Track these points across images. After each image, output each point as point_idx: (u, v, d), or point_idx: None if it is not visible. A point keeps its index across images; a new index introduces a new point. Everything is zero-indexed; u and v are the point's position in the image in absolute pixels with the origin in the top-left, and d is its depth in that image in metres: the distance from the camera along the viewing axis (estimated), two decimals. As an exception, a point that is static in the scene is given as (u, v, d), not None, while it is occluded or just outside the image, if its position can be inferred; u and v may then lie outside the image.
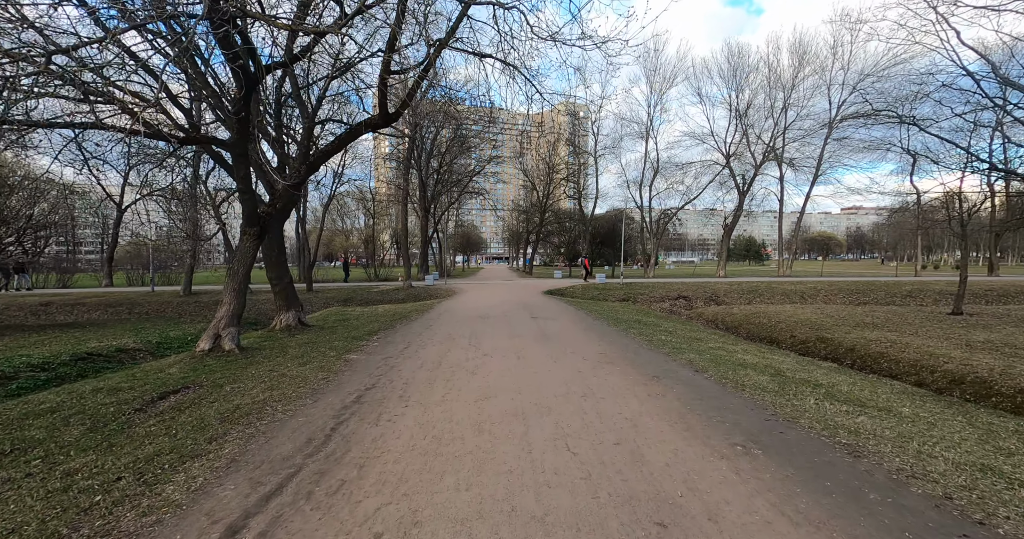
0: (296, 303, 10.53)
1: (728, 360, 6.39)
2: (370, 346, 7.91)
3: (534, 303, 15.38)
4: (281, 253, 9.97)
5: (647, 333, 8.84)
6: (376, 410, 4.43)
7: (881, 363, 8.88)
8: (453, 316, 11.93)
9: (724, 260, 30.75)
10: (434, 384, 5.37)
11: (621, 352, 6.97)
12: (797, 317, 13.39)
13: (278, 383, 5.52)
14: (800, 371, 5.79)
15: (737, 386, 4.85)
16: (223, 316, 7.55)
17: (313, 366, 6.40)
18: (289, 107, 10.91)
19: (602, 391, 4.90)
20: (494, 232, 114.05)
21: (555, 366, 6.13)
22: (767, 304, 19.74)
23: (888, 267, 59.83)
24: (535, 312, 12.56)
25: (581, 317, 11.53)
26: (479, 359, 6.66)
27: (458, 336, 8.67)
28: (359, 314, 13.52)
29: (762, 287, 22.43)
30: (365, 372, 6.00)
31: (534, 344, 7.72)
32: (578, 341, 7.97)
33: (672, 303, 21.33)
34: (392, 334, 9.24)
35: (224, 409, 4.55)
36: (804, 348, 10.94)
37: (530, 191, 43.30)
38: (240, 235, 7.85)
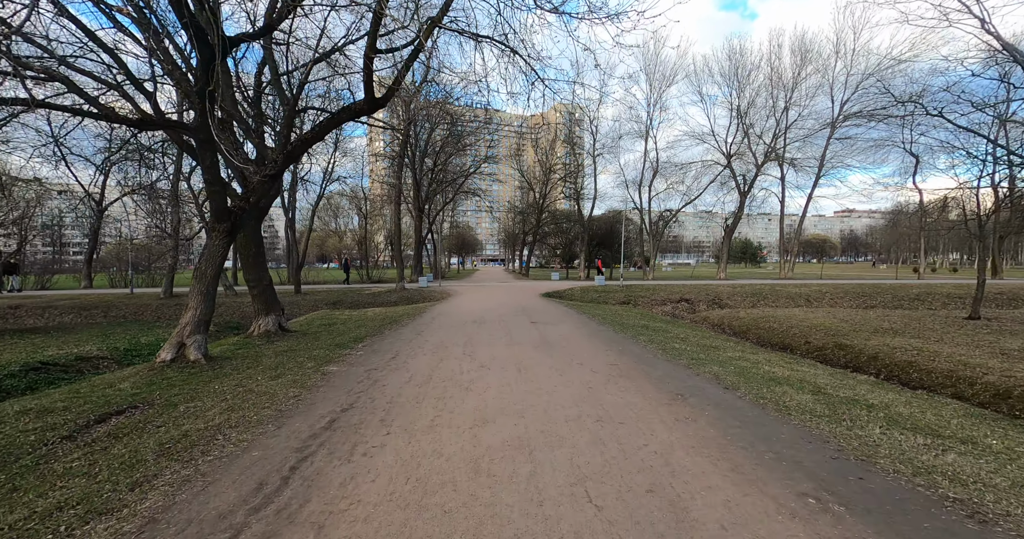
0: (276, 307, 9.72)
1: (755, 373, 5.67)
2: (354, 356, 7.13)
3: (532, 306, 14.64)
4: (259, 253, 9.17)
5: (658, 340, 8.12)
6: (350, 439, 3.67)
7: (910, 373, 8.21)
8: (447, 321, 11.16)
9: (725, 262, 30.18)
10: (422, 404, 4.61)
11: (634, 363, 6.23)
12: (810, 322, 12.73)
13: (241, 402, 4.74)
14: (841, 388, 5.08)
15: (779, 408, 4.12)
16: (188, 322, 6.74)
17: (286, 380, 5.61)
18: (270, 96, 10.13)
19: (620, 413, 4.16)
20: (490, 233, 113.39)
21: (561, 381, 5.38)
22: (772, 307, 19.11)
23: (880, 270, 59.64)
24: (534, 316, 11.82)
25: (583, 322, 10.79)
26: (475, 372, 5.91)
27: (451, 344, 7.91)
28: (346, 318, 12.71)
29: (765, 290, 21.82)
30: (344, 388, 5.22)
31: (536, 353, 6.97)
32: (584, 350, 7.23)
33: (674, 306, 20.67)
34: (380, 341, 8.46)
35: (168, 438, 3.77)
36: (821, 355, 10.27)
37: (527, 191, 42.60)
38: (208, 232, 7.07)
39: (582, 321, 10.94)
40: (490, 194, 43.62)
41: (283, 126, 8.54)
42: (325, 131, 7.43)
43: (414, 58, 7.14)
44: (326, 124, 7.25)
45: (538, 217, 38.18)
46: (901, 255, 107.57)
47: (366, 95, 7.04)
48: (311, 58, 8.55)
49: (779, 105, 27.94)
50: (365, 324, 11.29)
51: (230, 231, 6.95)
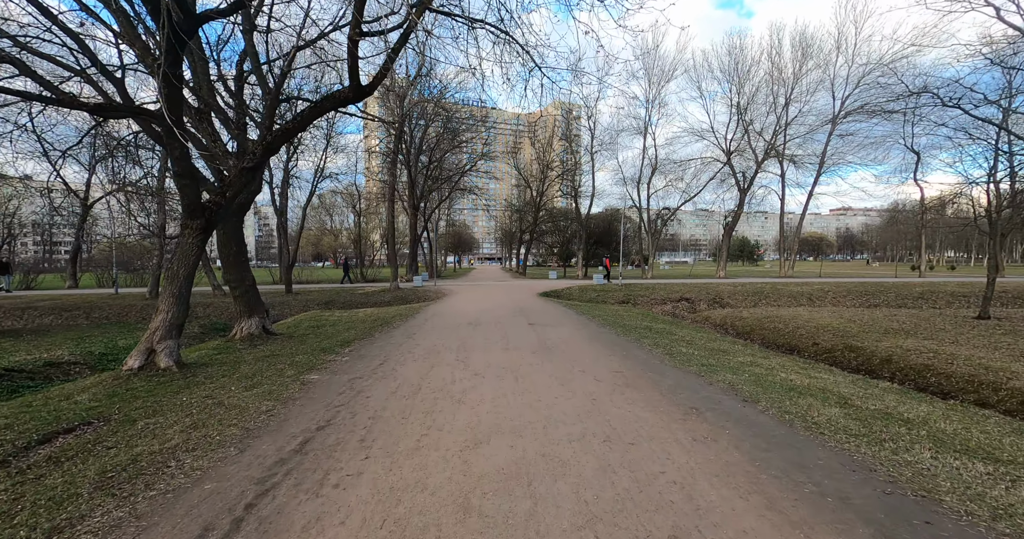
0: (260, 309, 9.22)
1: (772, 382, 5.22)
2: (339, 362, 6.64)
3: (530, 306, 14.18)
4: (241, 251, 8.66)
5: (663, 344, 7.67)
6: (323, 465, 3.19)
7: (927, 377, 7.80)
8: (440, 322, 10.68)
9: (724, 260, 29.80)
10: (408, 419, 4.14)
11: (640, 370, 5.78)
12: (816, 322, 12.33)
13: (207, 418, 4.25)
14: (868, 398, 4.64)
15: (808, 425, 3.67)
16: (159, 327, 6.23)
17: (260, 391, 5.12)
18: (252, 85, 9.59)
19: (630, 431, 3.70)
20: (486, 232, 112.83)
21: (563, 391, 4.92)
22: (774, 307, 18.73)
23: (873, 268, 59.42)
24: (532, 317, 11.35)
25: (583, 323, 10.34)
26: (468, 381, 5.43)
27: (444, 348, 7.43)
28: (336, 320, 12.21)
29: (767, 289, 21.45)
30: (323, 401, 4.74)
31: (534, 359, 6.51)
32: (585, 355, 6.77)
33: (674, 305, 20.26)
34: (368, 345, 7.98)
35: (114, 464, 3.28)
36: (831, 358, 9.86)
37: (523, 189, 42.13)
38: (180, 229, 6.56)
39: (582, 322, 10.49)
40: (487, 192, 43.16)
41: (265, 116, 8.02)
42: (308, 121, 6.92)
43: (404, 42, 6.64)
44: (309, 114, 6.74)
45: (535, 215, 37.74)
46: (898, 253, 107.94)
47: (351, 82, 6.53)
48: (294, 45, 8.03)
49: (779, 101, 27.57)
50: (355, 326, 10.80)
51: (205, 228, 6.44)
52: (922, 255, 31.14)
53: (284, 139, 6.79)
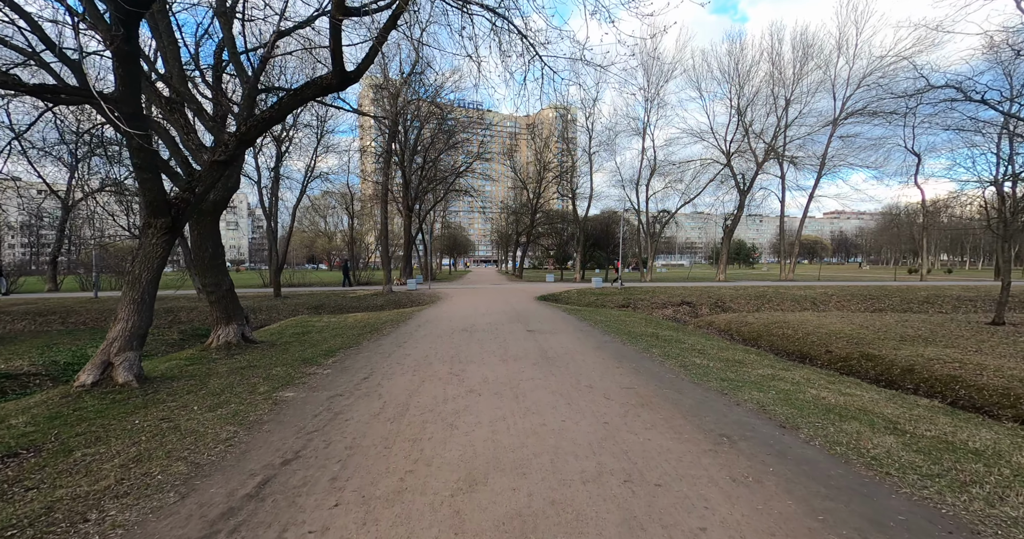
0: (239, 315, 8.56)
1: (804, 400, 4.65)
2: (319, 375, 6.01)
3: (528, 311, 13.58)
4: (217, 254, 8.01)
5: (674, 354, 7.09)
6: (281, 518, 2.57)
7: (956, 390, 7.27)
8: (433, 329, 10.06)
9: (724, 263, 29.35)
10: (391, 449, 3.52)
11: (655, 386, 5.19)
12: (827, 328, 11.81)
13: (155, 448, 3.62)
14: (918, 421, 4.07)
15: (866, 461, 3.09)
16: (117, 337, 5.58)
17: (225, 412, 4.49)
18: (233, 76, 8.96)
19: (653, 467, 3.11)
20: (482, 234, 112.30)
21: (570, 412, 4.32)
22: (778, 311, 18.25)
23: (866, 271, 59.20)
24: (531, 323, 10.75)
25: (586, 330, 9.75)
26: (462, 399, 4.82)
27: (437, 359, 6.82)
28: (324, 326, 11.56)
29: (769, 292, 20.98)
30: (295, 425, 4.12)
31: (535, 372, 5.90)
32: (592, 367, 6.18)
33: (676, 309, 19.76)
34: (354, 356, 7.34)
35: (18, 516, 2.65)
36: (846, 366, 9.33)
37: (520, 191, 41.60)
38: (142, 229, 5.93)
39: (584, 329, 9.90)
40: (483, 194, 42.61)
41: (242, 108, 7.42)
42: (287, 110, 6.31)
43: (392, 24, 6.05)
44: (288, 101, 6.13)
45: (532, 217, 37.19)
46: (893, 256, 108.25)
47: (335, 67, 5.94)
48: (275, 30, 7.44)
49: (779, 102, 27.22)
50: (343, 333, 10.16)
51: (170, 228, 5.80)
52: (923, 258, 30.81)
53: (261, 130, 6.18)
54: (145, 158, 5.23)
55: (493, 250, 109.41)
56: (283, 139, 22.20)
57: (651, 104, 28.02)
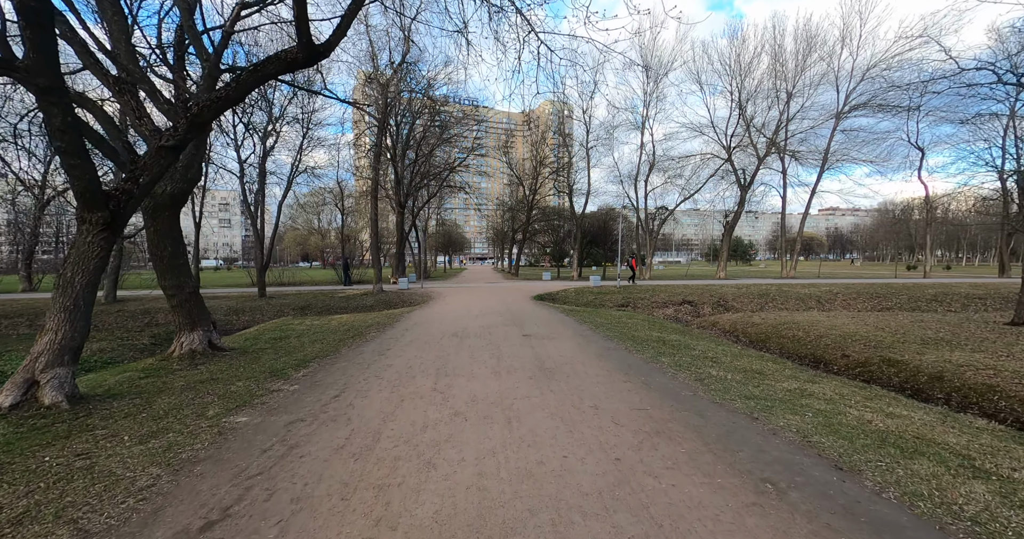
0: (205, 320, 7.77)
1: (850, 427, 3.94)
2: (284, 393, 5.25)
3: (524, 312, 12.85)
4: (178, 253, 7.20)
5: (686, 363, 6.37)
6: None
7: (995, 401, 6.60)
8: (422, 333, 9.30)
9: (725, 261, 28.72)
10: (349, 503, 2.78)
11: (671, 406, 4.46)
12: (840, 329, 11.15)
13: (50, 501, 2.85)
14: (994, 454, 3.36)
15: (970, 529, 2.37)
16: (44, 351, 4.80)
17: (158, 445, 3.73)
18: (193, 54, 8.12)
19: (684, 530, 2.38)
20: (478, 231, 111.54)
21: (572, 443, 3.59)
22: (783, 310, 17.62)
23: (857, 267, 58.74)
24: (527, 326, 10.02)
25: (586, 334, 9.02)
26: (445, 425, 4.08)
27: (420, 371, 6.06)
28: (304, 330, 10.77)
29: (772, 291, 20.35)
30: (236, 464, 3.36)
31: (531, 388, 5.17)
32: (596, 381, 5.45)
33: (676, 309, 19.09)
34: (329, 366, 6.58)
35: None
36: (865, 373, 8.67)
37: (516, 187, 40.81)
38: (77, 225, 5.13)
39: (584, 333, 9.17)
40: (478, 190, 41.75)
41: (201, 88, 6.60)
42: (245, 89, 5.51)
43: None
44: (247, 79, 5.33)
45: (528, 214, 36.43)
46: (888, 252, 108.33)
47: (300, 39, 5.15)
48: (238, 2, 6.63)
49: (782, 96, 26.53)
50: (323, 338, 9.39)
51: (109, 223, 5.01)
52: (926, 255, 30.30)
53: (216, 110, 5.37)
54: (70, 141, 4.42)
55: (489, 247, 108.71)
56: (269, 133, 21.32)
57: (650, 97, 27.28)
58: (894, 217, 75.08)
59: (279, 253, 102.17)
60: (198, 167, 6.87)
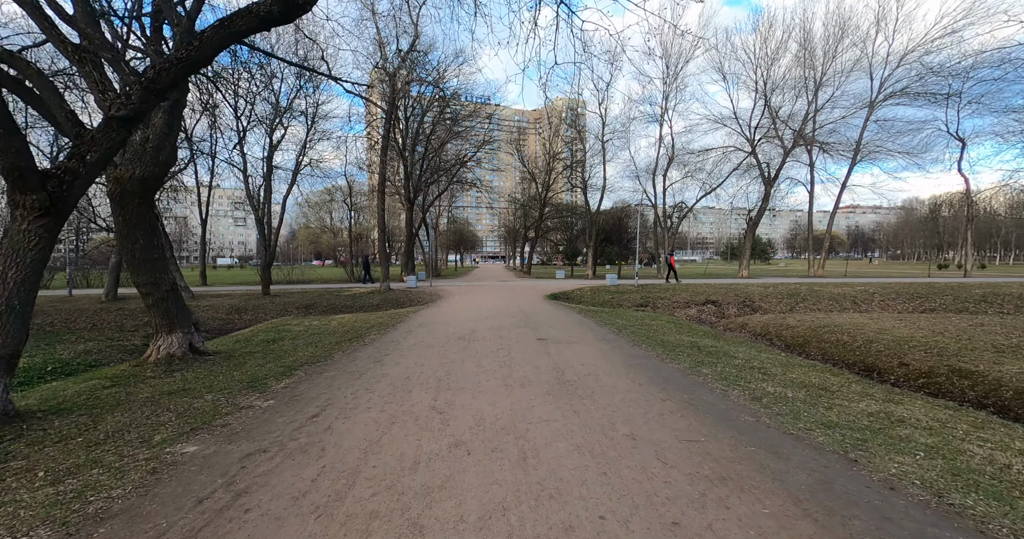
0: (185, 321, 7.01)
1: (990, 475, 2.93)
2: (254, 411, 4.40)
3: (537, 312, 11.92)
4: (152, 246, 6.43)
5: (731, 375, 5.37)
6: None
7: (1112, 423, 5.48)
8: (426, 336, 8.43)
9: (748, 259, 27.36)
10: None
11: (731, 438, 3.49)
12: (892, 334, 9.99)
13: None
14: None
15: None
16: (-32, 360, 4.02)
17: (73, 486, 2.89)
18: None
19: None
20: (489, 229, 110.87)
21: (611, 497, 2.65)
22: (818, 312, 16.40)
23: (875, 265, 56.25)
24: (541, 328, 9.09)
25: (609, 338, 8.06)
26: (442, 460, 3.18)
27: (418, 384, 5.18)
28: (301, 331, 10.00)
29: (802, 290, 19.08)
30: (153, 526, 2.49)
31: (550, 408, 4.24)
32: (628, 398, 4.50)
33: (700, 309, 17.96)
34: (316, 376, 5.74)
35: None
36: (931, 384, 7.55)
37: (528, 183, 39.83)
38: (10, 210, 4.35)
39: (606, 337, 8.20)
40: (490, 187, 40.83)
41: (174, 49, 5.79)
42: (212, 48, 4.66)
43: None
44: (212, 36, 4.49)
45: (541, 210, 35.42)
46: (914, 251, 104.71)
47: (274, -13, 4.28)
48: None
49: (810, 85, 25.05)
50: (319, 340, 8.58)
51: (48, 208, 4.21)
52: (967, 253, 28.52)
53: (175, 74, 4.54)
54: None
55: (501, 245, 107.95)
56: (276, 126, 20.72)
57: (670, 87, 26.06)
58: (930, 213, 72.14)
59: (292, 251, 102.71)
60: (171, 149, 6.07)
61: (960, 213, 74.89)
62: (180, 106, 5.89)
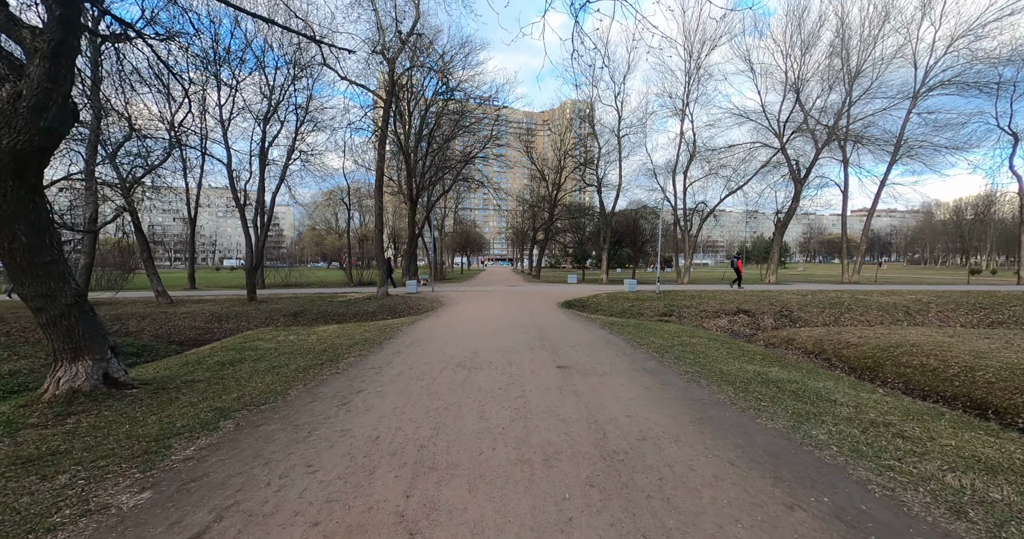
0: (96, 345, 5.32)
1: None
2: (98, 522, 2.68)
3: (552, 326, 10.15)
4: (40, 246, 4.76)
5: (863, 446, 3.56)
6: None
7: None
8: (416, 361, 6.69)
9: (776, 263, 25.35)
10: None
11: None
12: (997, 359, 8.05)
13: None
14: None
15: None
16: None
17: None
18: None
19: None
20: (497, 231, 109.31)
21: None
22: (869, 325, 14.47)
23: (884, 270, 53.85)
24: (561, 349, 7.31)
25: (650, 367, 6.25)
26: None
27: (389, 453, 3.42)
28: (269, 350, 8.32)
29: (845, 299, 17.11)
30: None
31: (599, 521, 2.47)
32: (723, 501, 2.71)
33: (731, 320, 16.06)
34: (247, 436, 4.00)
35: None
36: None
37: (538, 182, 38.08)
38: None
39: (646, 365, 6.40)
40: (498, 186, 39.20)
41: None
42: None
43: None
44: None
45: (551, 211, 33.65)
46: (932, 255, 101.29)
47: None
48: None
49: (846, 75, 23.03)
50: (285, 364, 6.88)
51: None
52: (1020, 258, 26.23)
53: None
54: None
55: (508, 248, 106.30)
56: (269, 117, 19.20)
57: (691, 79, 24.20)
58: (954, 216, 69.11)
59: (300, 253, 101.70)
60: (59, 110, 4.39)
61: (988, 216, 71.93)
62: (67, 51, 4.24)
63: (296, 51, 17.96)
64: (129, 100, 14.79)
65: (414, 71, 23.63)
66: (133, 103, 14.68)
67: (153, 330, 13.83)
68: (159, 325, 14.07)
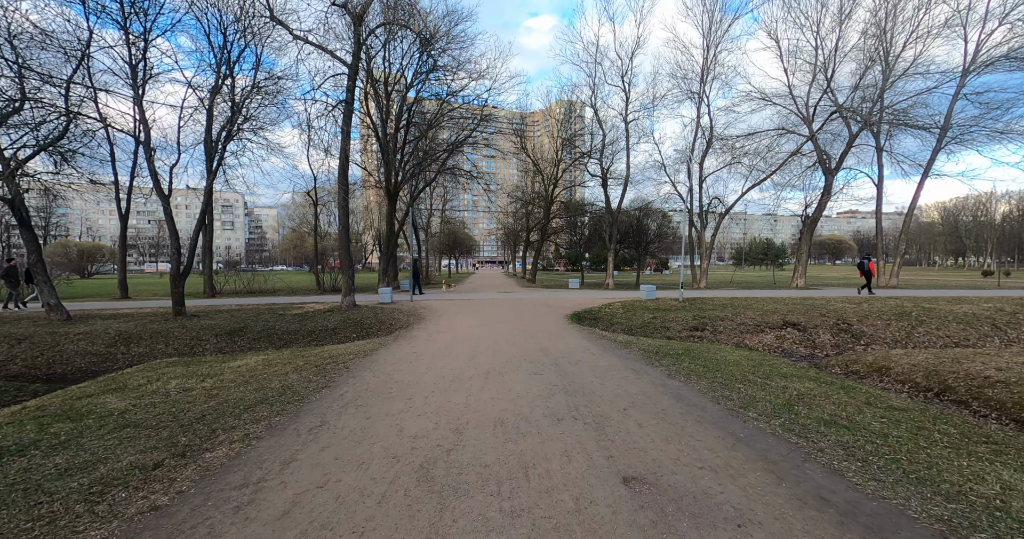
0: None
1: None
2: None
3: (572, 358, 6.97)
4: None
5: None
6: None
7: None
8: (342, 460, 3.43)
9: (805, 266, 22.52)
10: None
11: None
12: None
13: None
14: None
15: None
16: None
17: None
18: None
19: None
20: (487, 233, 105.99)
21: None
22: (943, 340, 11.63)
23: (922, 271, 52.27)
24: (604, 418, 4.13)
25: (784, 469, 3.12)
26: None
27: None
28: (126, 409, 4.98)
29: (909, 308, 14.25)
30: None
31: None
32: None
33: (778, 336, 12.99)
34: None
35: None
36: None
37: (532, 177, 34.97)
38: None
39: (770, 456, 3.26)
40: (488, 183, 36.09)
41: None
42: None
43: None
44: None
45: (547, 208, 30.56)
46: (934, 257, 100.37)
47: None
48: None
49: (888, 50, 20.31)
50: (126, 447, 3.56)
51: None
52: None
53: None
54: None
55: (499, 249, 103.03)
56: (219, 86, 15.77)
57: (710, 58, 21.35)
58: (949, 218, 67.97)
59: (280, 254, 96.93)
60: None
61: (989, 216, 71.01)
62: None
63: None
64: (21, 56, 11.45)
65: (391, 44, 20.39)
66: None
67: (30, 358, 10.37)
68: (40, 351, 10.62)
